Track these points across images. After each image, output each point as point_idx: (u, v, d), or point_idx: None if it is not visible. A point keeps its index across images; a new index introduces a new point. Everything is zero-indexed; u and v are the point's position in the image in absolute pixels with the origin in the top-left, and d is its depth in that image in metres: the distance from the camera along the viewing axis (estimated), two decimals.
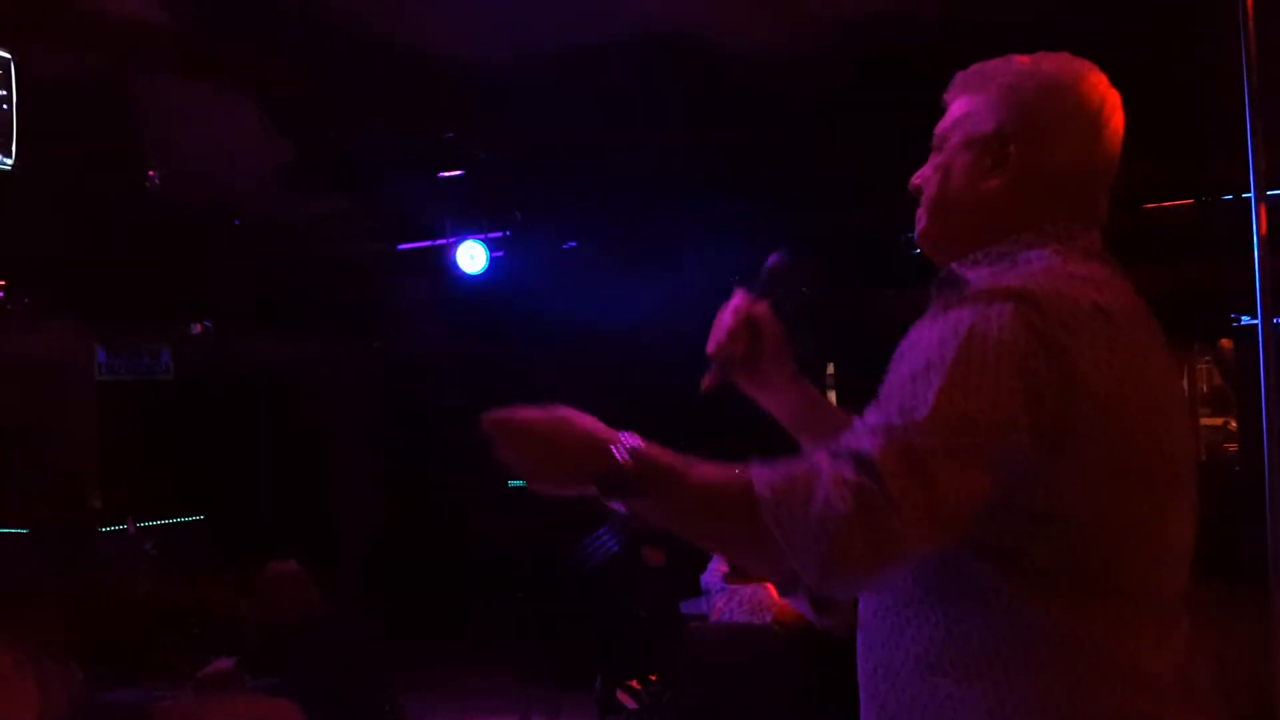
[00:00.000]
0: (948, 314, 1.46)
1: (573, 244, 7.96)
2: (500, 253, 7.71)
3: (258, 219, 7.71)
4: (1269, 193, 3.28)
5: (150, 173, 6.26)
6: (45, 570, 7.25)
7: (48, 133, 5.59)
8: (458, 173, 7.11)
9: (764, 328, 1.86)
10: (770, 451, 1.88)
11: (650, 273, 7.53)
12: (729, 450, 1.53)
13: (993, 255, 1.59)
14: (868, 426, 1.42)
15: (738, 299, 1.85)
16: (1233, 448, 8.78)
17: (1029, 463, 1.40)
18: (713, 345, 1.84)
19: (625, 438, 1.49)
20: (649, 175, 6.77)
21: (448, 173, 7.12)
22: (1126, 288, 1.57)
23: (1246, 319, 7.33)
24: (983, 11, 5.07)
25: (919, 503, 1.34)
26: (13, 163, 5.34)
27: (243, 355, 9.18)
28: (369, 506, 10.43)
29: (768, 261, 1.88)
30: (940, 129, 1.71)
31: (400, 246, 8.10)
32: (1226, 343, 8.46)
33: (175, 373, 8.77)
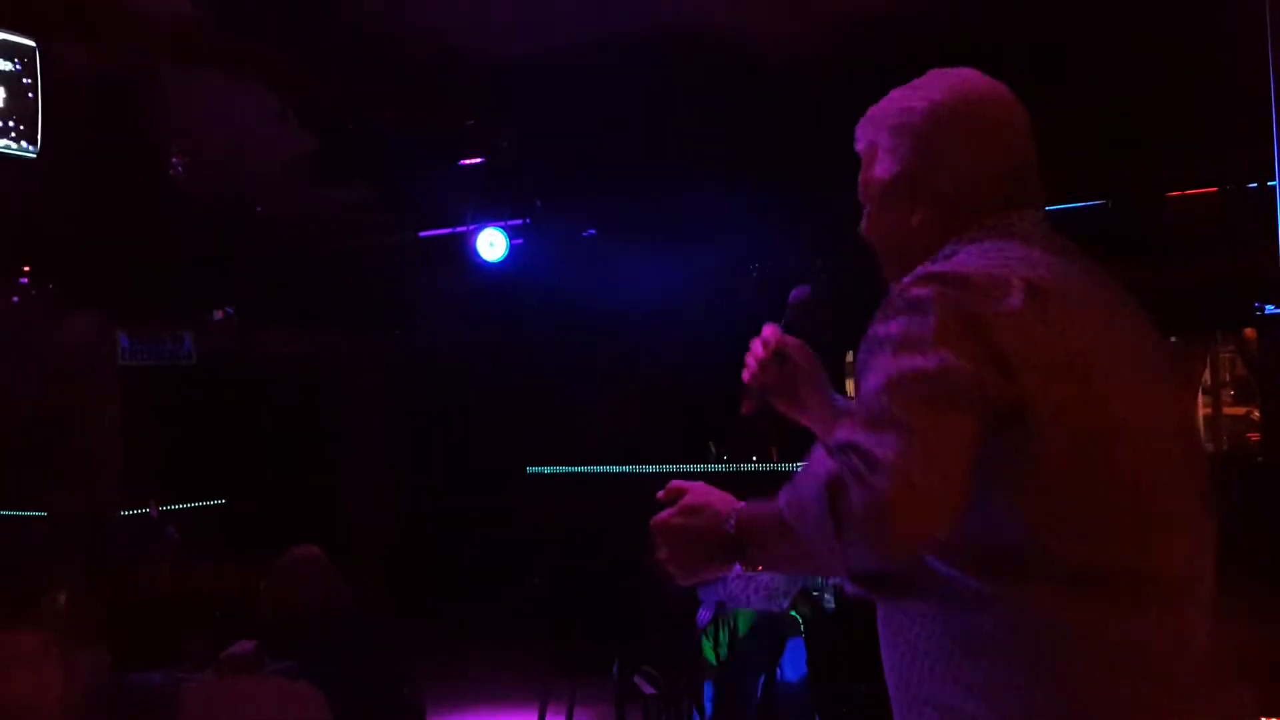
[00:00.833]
0: (884, 310, 1.53)
1: (592, 231, 7.96)
2: (520, 241, 7.72)
3: (279, 207, 7.74)
4: None
5: (174, 159, 6.29)
6: (67, 554, 7.31)
7: (72, 121, 5.63)
8: (478, 161, 7.12)
9: (794, 357, 1.97)
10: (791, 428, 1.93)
11: (670, 260, 7.53)
12: (755, 429, 1.64)
13: (937, 260, 1.64)
14: (844, 419, 1.49)
15: (767, 331, 1.96)
16: (1255, 437, 8.73)
17: (993, 426, 1.43)
18: (747, 375, 1.96)
19: (730, 517, 1.61)
20: (669, 163, 6.77)
21: (468, 161, 7.13)
22: (1075, 266, 1.60)
23: (1271, 308, 7.28)
24: (1002, 8, 5.06)
25: (904, 452, 1.37)
26: (38, 151, 5.38)
27: (264, 342, 9.22)
28: (389, 493, 10.47)
29: (792, 296, 2.01)
30: (860, 181, 1.79)
31: (420, 234, 8.12)
32: (1250, 332, 8.40)
33: (197, 359, 8.81)
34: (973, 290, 1.48)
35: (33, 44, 5.26)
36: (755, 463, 8.83)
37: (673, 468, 9.34)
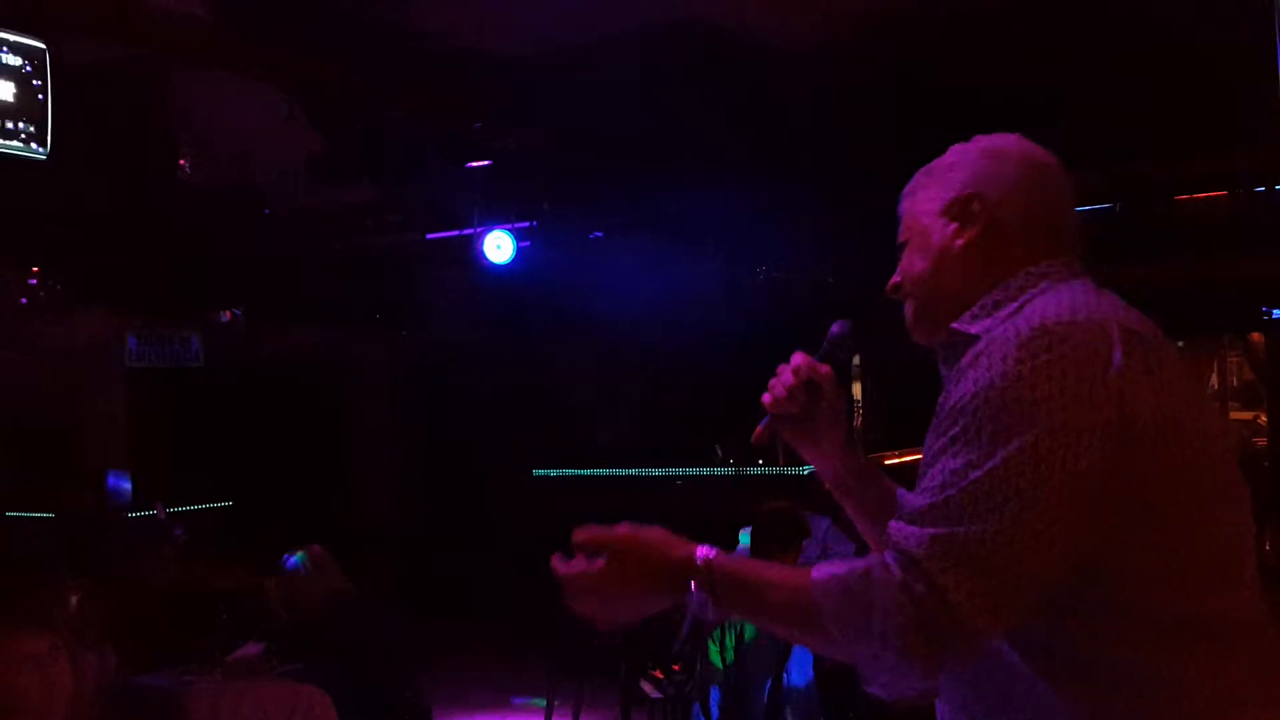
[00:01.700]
0: (965, 376, 1.42)
1: (599, 234, 7.96)
2: (527, 243, 7.72)
3: (287, 208, 7.75)
4: None
5: (181, 161, 6.29)
6: (75, 555, 7.32)
7: (81, 121, 5.63)
8: (485, 163, 7.12)
9: (825, 391, 1.84)
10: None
11: (677, 263, 7.52)
12: (762, 452, 1.58)
13: (988, 305, 1.55)
14: (910, 513, 1.39)
15: (798, 359, 1.84)
16: (1262, 442, 8.71)
17: (1092, 517, 1.35)
18: (769, 399, 1.84)
19: (700, 552, 1.51)
20: (677, 165, 6.76)
21: (476, 163, 7.13)
22: (1140, 315, 1.51)
23: (1278, 312, 7.26)
24: (1018, 7, 5.04)
25: (975, 593, 1.31)
26: (48, 153, 5.37)
27: (271, 343, 9.23)
28: (395, 494, 10.49)
29: (832, 330, 1.90)
30: (901, 236, 1.71)
31: (428, 236, 8.12)
32: (1257, 336, 8.38)
33: (205, 360, 8.82)
34: (1079, 345, 1.38)
35: (41, 45, 5.26)
36: (762, 467, 8.81)
37: (679, 471, 9.33)
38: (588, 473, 9.84)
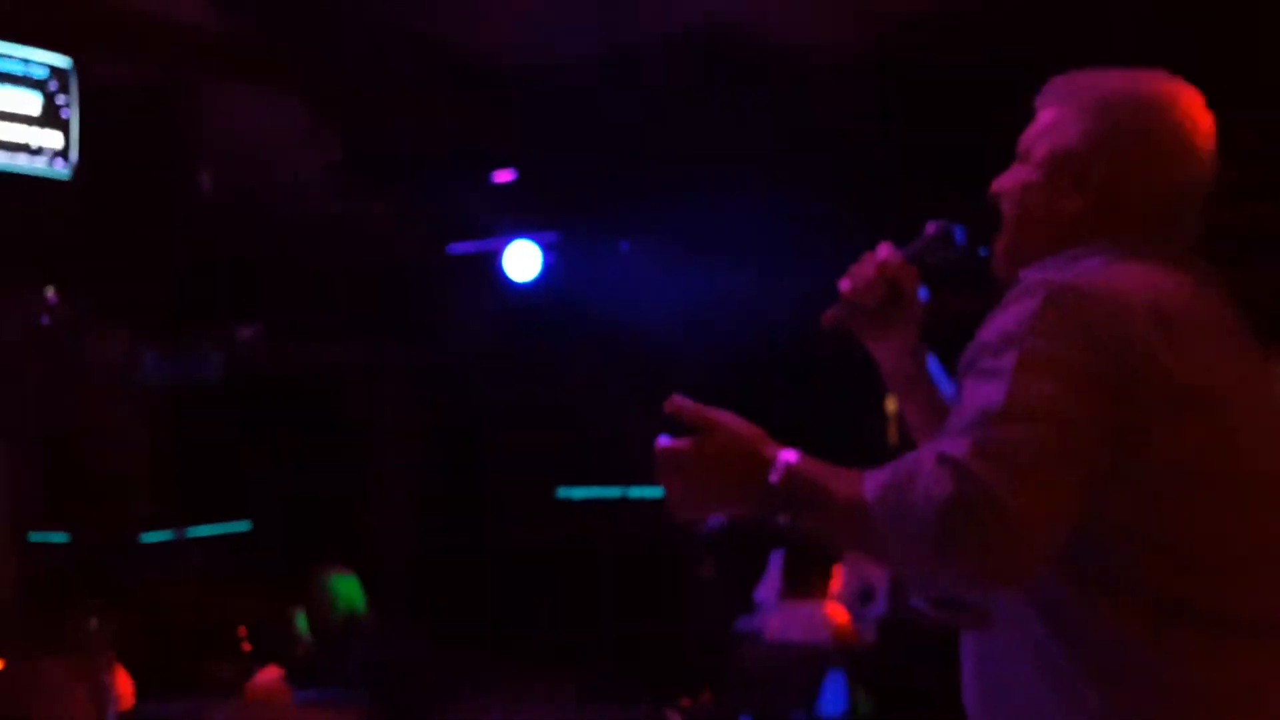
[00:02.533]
0: (1004, 310, 1.47)
1: (625, 245, 7.86)
2: (552, 255, 7.63)
3: (307, 221, 7.66)
4: None
5: (201, 175, 6.22)
6: (95, 579, 7.24)
7: (99, 136, 5.55)
8: (510, 173, 7.03)
9: (907, 291, 1.84)
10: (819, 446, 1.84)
11: (706, 275, 7.41)
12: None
13: (1058, 261, 1.57)
14: (951, 430, 1.42)
15: (884, 251, 1.83)
16: None
17: (1106, 459, 1.39)
18: (847, 285, 1.83)
19: (784, 455, 1.51)
20: (704, 174, 6.65)
21: (500, 173, 7.05)
22: (1209, 297, 1.54)
23: None
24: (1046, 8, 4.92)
25: (1018, 490, 1.33)
26: (71, 173, 5.27)
27: (291, 359, 9.14)
28: (416, 514, 10.36)
29: (926, 230, 1.86)
30: (1026, 138, 1.69)
31: (451, 249, 8.03)
32: None
33: (223, 378, 8.73)
34: (1097, 305, 1.43)
35: (68, 62, 5.14)
36: None
37: None
38: (614, 492, 9.71)
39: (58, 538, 7.98)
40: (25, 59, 5.12)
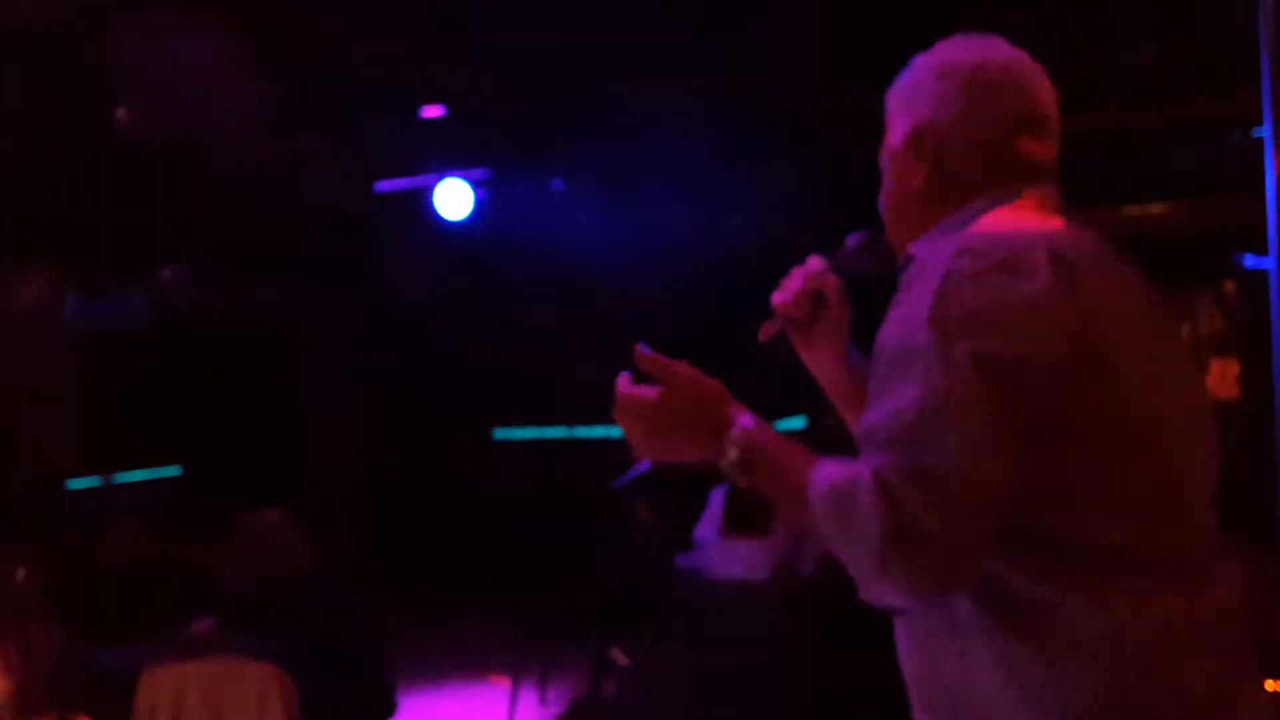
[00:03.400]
0: (901, 299, 1.49)
1: (559, 182, 7.76)
2: (485, 193, 7.52)
3: (232, 160, 7.46)
4: None
5: (119, 111, 6.03)
6: (16, 527, 7.09)
7: (10, 72, 5.36)
8: (440, 111, 6.89)
9: (831, 299, 1.87)
10: (761, 388, 1.89)
11: (644, 213, 7.35)
12: (730, 386, 1.60)
13: (943, 228, 1.60)
14: (868, 432, 1.43)
15: (812, 263, 1.87)
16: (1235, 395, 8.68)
17: (1029, 427, 1.39)
18: (778, 299, 1.87)
19: (741, 419, 1.55)
20: (638, 109, 6.56)
21: (429, 111, 6.90)
22: (1091, 238, 1.56)
23: (1250, 260, 7.20)
24: None
25: (953, 522, 1.35)
26: None
27: (218, 302, 8.96)
28: (353, 457, 10.26)
29: (847, 241, 1.89)
30: (882, 155, 1.75)
31: (381, 187, 7.88)
32: (1229, 285, 8.33)
33: (148, 321, 8.54)
34: (1003, 266, 1.42)
35: None
36: None
37: None
38: (553, 432, 9.69)
39: None
40: None
